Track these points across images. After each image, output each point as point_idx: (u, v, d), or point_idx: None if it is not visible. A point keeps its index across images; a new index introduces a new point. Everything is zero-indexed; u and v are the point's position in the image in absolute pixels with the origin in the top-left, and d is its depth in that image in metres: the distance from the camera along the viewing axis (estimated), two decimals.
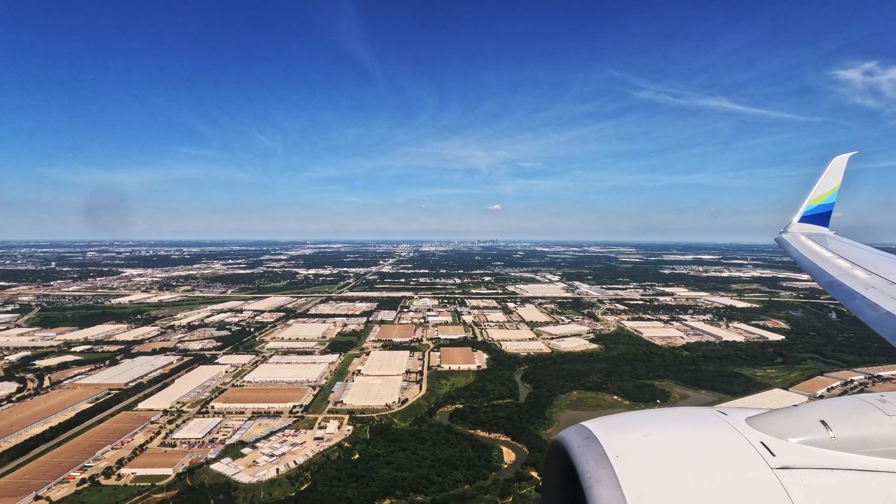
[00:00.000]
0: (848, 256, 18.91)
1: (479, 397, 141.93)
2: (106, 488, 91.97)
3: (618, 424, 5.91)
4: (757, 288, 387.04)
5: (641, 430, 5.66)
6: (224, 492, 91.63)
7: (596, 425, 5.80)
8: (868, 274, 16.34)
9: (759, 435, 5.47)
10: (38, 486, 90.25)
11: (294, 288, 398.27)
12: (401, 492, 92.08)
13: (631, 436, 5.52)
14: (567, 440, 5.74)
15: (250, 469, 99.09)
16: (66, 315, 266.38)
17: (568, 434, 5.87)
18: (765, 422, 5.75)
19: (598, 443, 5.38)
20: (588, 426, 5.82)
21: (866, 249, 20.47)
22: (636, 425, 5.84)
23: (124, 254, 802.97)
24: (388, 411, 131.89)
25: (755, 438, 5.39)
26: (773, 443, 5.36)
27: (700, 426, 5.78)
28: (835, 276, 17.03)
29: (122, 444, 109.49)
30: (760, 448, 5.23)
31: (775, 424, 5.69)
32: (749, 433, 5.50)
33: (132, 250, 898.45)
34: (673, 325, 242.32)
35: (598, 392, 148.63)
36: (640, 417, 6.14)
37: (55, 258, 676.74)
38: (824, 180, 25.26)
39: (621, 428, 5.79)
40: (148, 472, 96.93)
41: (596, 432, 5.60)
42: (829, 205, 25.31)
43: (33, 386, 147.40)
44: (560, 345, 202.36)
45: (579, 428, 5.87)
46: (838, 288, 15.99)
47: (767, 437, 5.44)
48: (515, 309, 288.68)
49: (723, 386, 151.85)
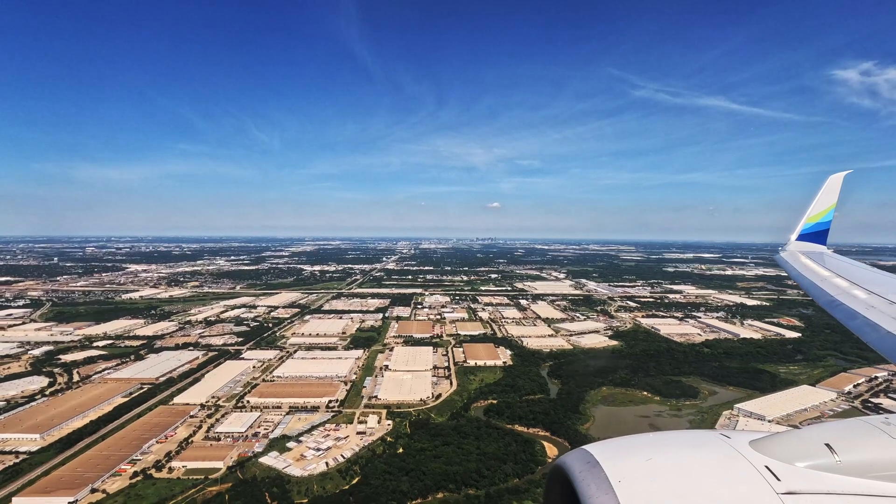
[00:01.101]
0: (846, 275, 18.97)
1: (511, 393, 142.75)
2: (160, 481, 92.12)
3: (620, 448, 5.83)
4: (763, 286, 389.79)
5: (644, 454, 5.58)
6: (277, 485, 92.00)
7: (598, 449, 5.74)
8: (867, 293, 16.30)
9: (764, 459, 5.39)
10: (92, 479, 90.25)
11: (302, 284, 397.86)
12: (453, 485, 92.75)
13: (633, 460, 5.44)
14: (568, 464, 5.66)
15: (299, 463, 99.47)
16: (79, 310, 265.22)
17: (569, 458, 5.80)
18: (769, 445, 5.65)
19: (600, 467, 5.32)
20: (590, 450, 5.76)
21: (863, 268, 20.62)
22: (639, 449, 5.75)
23: (124, 250, 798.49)
24: (423, 406, 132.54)
25: (760, 462, 5.31)
26: (779, 467, 5.27)
27: (703, 450, 5.70)
28: (834, 295, 17.01)
29: (166, 437, 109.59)
30: (765, 472, 5.16)
31: (780, 448, 5.57)
32: (753, 457, 5.42)
33: (132, 246, 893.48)
34: (688, 322, 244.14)
35: (627, 388, 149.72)
36: (642, 441, 6.05)
37: (55, 254, 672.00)
38: (821, 199, 25.44)
39: (623, 452, 5.71)
40: (198, 465, 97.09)
41: (598, 456, 5.53)
42: (826, 223, 25.58)
43: (63, 380, 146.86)
44: (580, 341, 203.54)
45: (581, 452, 5.81)
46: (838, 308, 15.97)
47: (772, 462, 5.35)
48: (529, 306, 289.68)
49: (749, 382, 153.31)
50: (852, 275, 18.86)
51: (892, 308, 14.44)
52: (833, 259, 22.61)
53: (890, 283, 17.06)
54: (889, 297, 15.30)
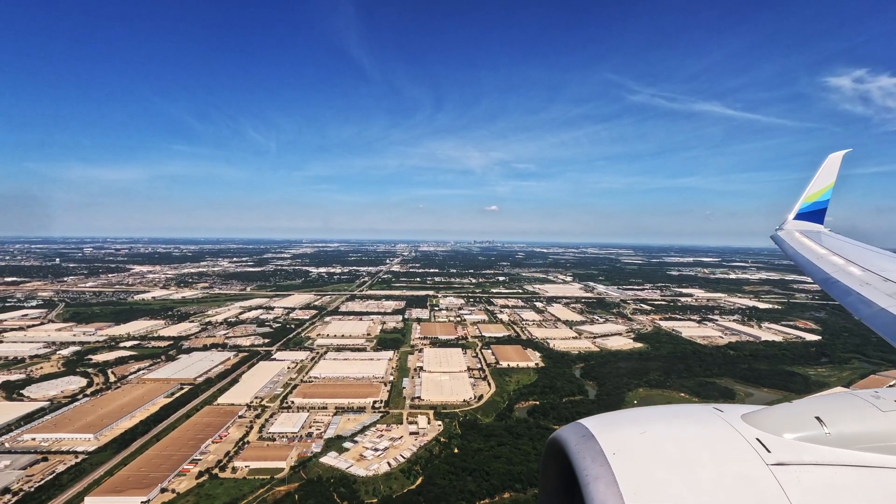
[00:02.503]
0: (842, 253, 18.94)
1: (550, 394, 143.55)
2: (227, 481, 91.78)
3: (615, 421, 5.93)
4: (770, 290, 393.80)
5: (638, 427, 5.69)
6: (344, 485, 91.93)
7: (593, 422, 5.84)
8: (862, 271, 16.33)
9: (755, 431, 5.52)
10: (159, 479, 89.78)
11: (311, 286, 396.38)
12: (519, 485, 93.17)
13: (628, 433, 5.55)
14: (564, 438, 5.74)
15: (361, 463, 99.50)
16: (94, 311, 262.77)
17: (565, 431, 5.87)
18: (760, 418, 5.79)
19: (595, 440, 5.40)
20: (585, 423, 5.83)
21: (860, 246, 20.53)
22: (633, 422, 5.86)
23: (123, 251, 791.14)
24: (468, 407, 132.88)
25: (751, 435, 5.45)
26: (769, 439, 5.41)
27: (696, 423, 5.83)
28: (829, 272, 17.06)
29: (220, 438, 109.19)
30: (756, 444, 5.30)
31: (771, 421, 5.72)
32: (745, 430, 5.55)
33: (130, 247, 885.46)
34: (707, 325, 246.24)
35: (663, 389, 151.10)
36: (636, 414, 6.18)
37: (55, 254, 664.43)
38: (819, 178, 25.44)
39: (618, 425, 5.80)
40: (261, 465, 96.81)
41: (593, 429, 5.62)
42: (823, 202, 25.49)
43: (100, 381, 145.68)
44: (605, 343, 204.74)
45: (576, 425, 5.87)
46: (833, 285, 16.01)
47: (763, 434, 5.48)
48: (545, 308, 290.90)
49: (783, 384, 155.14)
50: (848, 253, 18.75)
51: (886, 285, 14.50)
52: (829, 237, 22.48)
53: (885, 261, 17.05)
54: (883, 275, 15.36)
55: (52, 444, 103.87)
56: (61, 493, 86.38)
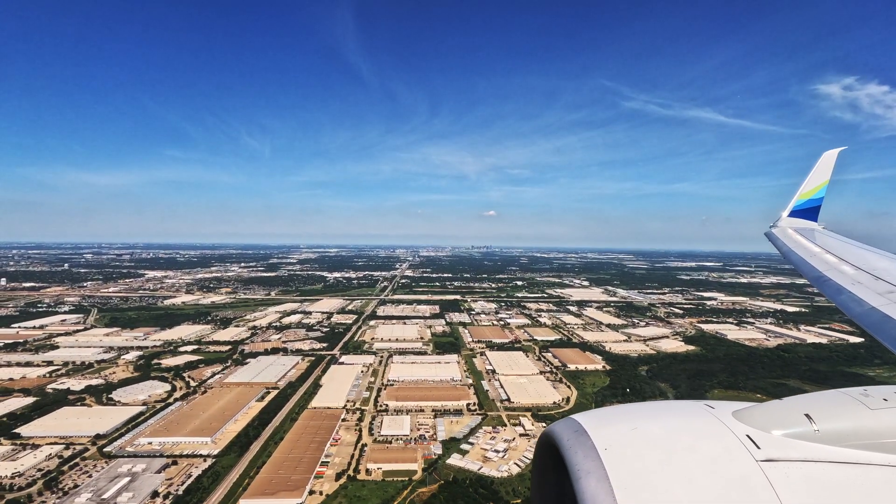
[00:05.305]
0: (835, 251, 18.93)
1: (632, 396, 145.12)
2: (367, 483, 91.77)
3: (607, 417, 6.01)
4: (787, 293, 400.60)
5: (630, 423, 5.76)
6: (483, 486, 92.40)
7: (585, 418, 5.89)
8: (854, 269, 16.26)
9: (745, 428, 5.58)
10: (300, 482, 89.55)
11: (333, 291, 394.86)
12: None
13: (619, 429, 5.62)
14: (557, 433, 5.78)
15: (488, 464, 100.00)
16: (130, 315, 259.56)
17: (558, 427, 5.91)
18: (750, 415, 5.86)
19: (588, 436, 5.46)
20: (577, 419, 5.87)
21: (854, 244, 20.41)
22: (625, 418, 5.96)
23: (123, 256, 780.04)
24: (559, 409, 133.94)
25: (741, 431, 5.51)
26: (759, 436, 5.46)
27: (688, 419, 5.90)
28: (822, 270, 16.98)
29: (335, 441, 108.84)
30: (746, 441, 5.35)
31: (761, 418, 5.78)
32: (735, 426, 5.61)
33: (131, 253, 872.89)
34: (747, 327, 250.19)
35: (738, 390, 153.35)
36: (628, 410, 6.30)
37: (55, 259, 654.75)
38: (814, 175, 25.39)
39: (610, 421, 5.88)
40: (393, 467, 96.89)
41: (585, 425, 5.67)
42: (818, 199, 25.51)
43: (181, 385, 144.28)
44: (659, 346, 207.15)
45: (569, 421, 5.91)
46: (825, 283, 15.94)
47: (753, 431, 5.54)
48: (581, 312, 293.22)
49: (854, 385, 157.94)
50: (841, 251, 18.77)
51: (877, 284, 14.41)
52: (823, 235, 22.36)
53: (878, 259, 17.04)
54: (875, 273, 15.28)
55: (172, 448, 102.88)
56: (210, 496, 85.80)
